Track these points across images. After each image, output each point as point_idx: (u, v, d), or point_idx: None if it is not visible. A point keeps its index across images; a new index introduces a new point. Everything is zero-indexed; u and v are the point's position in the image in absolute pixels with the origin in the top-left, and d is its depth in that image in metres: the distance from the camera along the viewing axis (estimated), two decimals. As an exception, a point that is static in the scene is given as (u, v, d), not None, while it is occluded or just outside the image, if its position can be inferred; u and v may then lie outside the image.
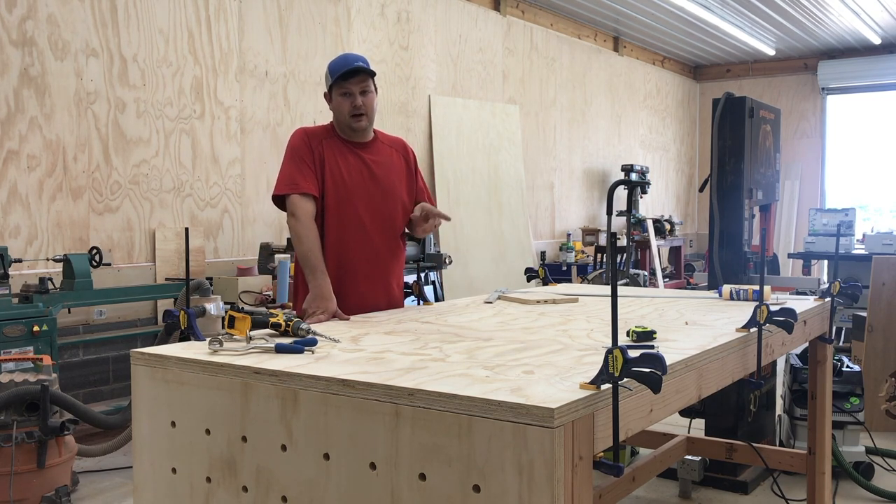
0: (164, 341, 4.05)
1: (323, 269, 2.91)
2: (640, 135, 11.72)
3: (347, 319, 2.76)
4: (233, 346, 2.08)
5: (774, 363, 4.72)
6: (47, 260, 4.88)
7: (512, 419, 1.49)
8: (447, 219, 3.18)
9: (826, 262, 9.33)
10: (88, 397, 5.12)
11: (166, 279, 5.47)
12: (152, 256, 5.51)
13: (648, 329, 2.21)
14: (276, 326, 2.27)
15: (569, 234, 9.69)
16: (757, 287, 3.06)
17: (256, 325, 2.24)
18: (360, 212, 3.06)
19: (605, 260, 8.54)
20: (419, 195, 3.28)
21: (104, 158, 5.24)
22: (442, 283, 7.10)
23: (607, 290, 3.53)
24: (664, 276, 9.13)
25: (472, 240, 8.02)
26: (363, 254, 3.07)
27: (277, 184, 3.03)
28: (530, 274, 3.92)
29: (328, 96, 3.10)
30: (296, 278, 3.20)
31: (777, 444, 4.60)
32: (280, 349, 2.04)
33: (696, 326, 2.54)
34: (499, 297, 3.27)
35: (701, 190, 5.22)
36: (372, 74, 3.05)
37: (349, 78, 3.00)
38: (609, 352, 1.58)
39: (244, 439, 1.86)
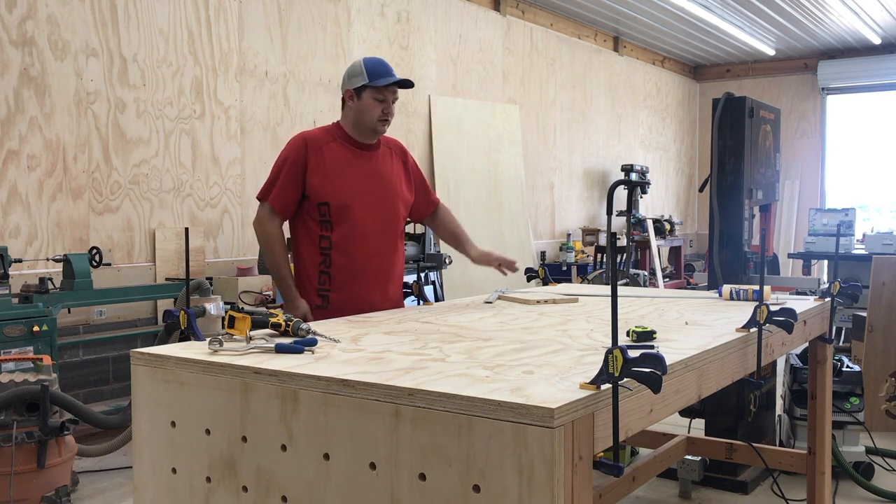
0: (164, 341, 4.05)
1: (289, 279, 3.09)
2: (640, 135, 11.72)
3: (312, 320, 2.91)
4: (233, 346, 2.08)
5: (774, 363, 4.72)
6: (47, 260, 4.88)
7: (512, 419, 1.49)
8: (513, 269, 3.32)
9: (826, 262, 9.33)
10: (88, 397, 5.12)
11: (166, 279, 5.47)
12: (152, 256, 5.51)
13: (648, 329, 2.21)
14: (276, 326, 2.27)
15: (569, 234, 9.69)
16: (757, 287, 3.06)
17: (256, 325, 2.24)
18: (365, 215, 3.08)
19: (605, 260, 8.54)
20: (420, 193, 3.36)
21: (104, 158, 5.24)
22: (442, 283, 7.10)
23: (607, 290, 3.53)
24: (664, 276, 9.13)
25: (472, 240, 8.00)
26: (368, 256, 3.08)
27: (263, 187, 3.14)
28: (530, 274, 3.92)
29: (352, 93, 3.06)
30: (297, 278, 3.20)
31: (777, 444, 4.61)
32: (280, 349, 2.04)
33: (696, 326, 2.54)
34: (499, 297, 3.27)
35: (701, 190, 5.21)
36: (411, 86, 3.09)
37: (389, 86, 3.02)
38: (609, 352, 1.58)
39: (244, 439, 1.86)
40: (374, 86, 2.99)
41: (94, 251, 4.81)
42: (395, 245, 3.21)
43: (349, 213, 3.05)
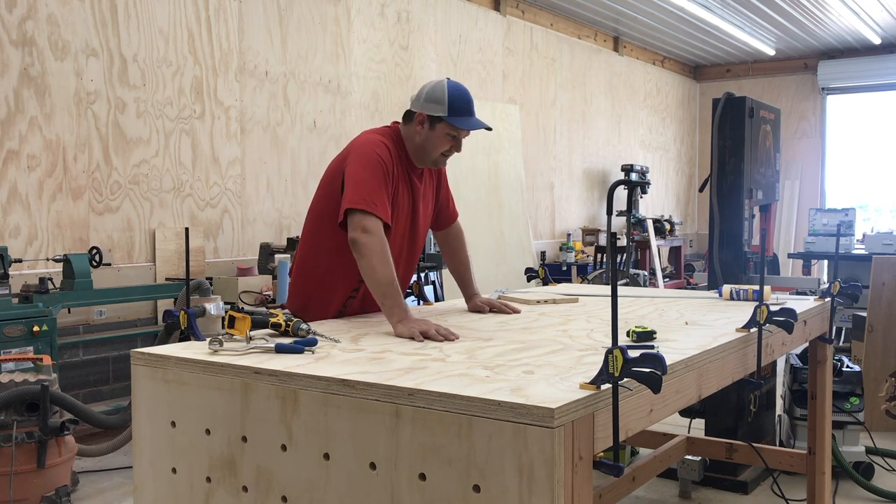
0: (164, 341, 4.05)
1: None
2: (640, 135, 11.72)
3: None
4: (233, 346, 2.08)
5: (774, 363, 4.72)
6: (47, 260, 4.88)
7: (512, 419, 1.49)
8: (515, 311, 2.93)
9: (826, 262, 9.33)
10: (88, 397, 5.12)
11: (166, 279, 5.47)
12: (152, 256, 5.51)
13: (648, 329, 2.21)
14: (276, 326, 2.27)
15: (569, 234, 9.69)
16: (757, 287, 3.06)
17: (256, 325, 2.24)
18: (397, 242, 2.84)
19: (605, 260, 8.54)
20: (443, 205, 3.12)
21: (104, 158, 5.24)
22: (442, 283, 7.09)
23: (607, 290, 3.53)
24: (664, 276, 9.13)
25: (472, 240, 7.97)
26: None
27: (354, 197, 2.61)
28: (530, 274, 3.92)
29: (424, 118, 2.77)
30: (309, 294, 2.94)
31: (777, 444, 4.61)
32: (280, 349, 2.04)
33: (696, 326, 2.54)
34: (499, 298, 3.27)
35: (701, 190, 5.21)
36: (490, 130, 2.86)
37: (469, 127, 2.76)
38: (609, 352, 1.58)
39: (244, 439, 1.86)
40: (452, 122, 2.71)
41: (94, 251, 4.81)
42: (412, 268, 3.06)
43: (389, 240, 2.70)
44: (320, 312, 2.81)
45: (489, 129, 2.84)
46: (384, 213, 2.61)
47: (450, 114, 2.71)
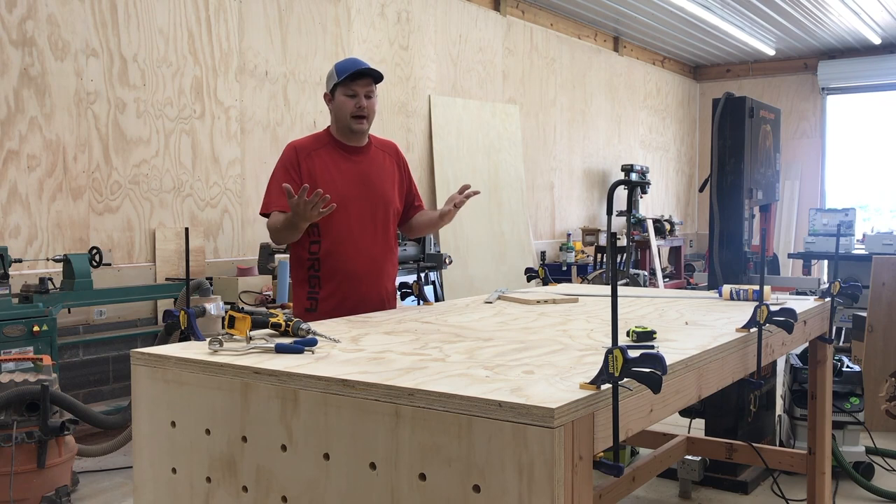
0: (164, 341, 4.05)
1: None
2: (640, 135, 11.72)
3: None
4: (233, 346, 2.08)
5: (774, 363, 4.72)
6: (47, 260, 4.88)
7: (512, 419, 1.49)
8: (471, 194, 3.14)
9: (826, 262, 9.33)
10: (88, 397, 5.12)
11: (166, 279, 5.47)
12: (152, 256, 5.51)
13: (648, 329, 2.21)
14: (276, 326, 2.27)
15: (569, 234, 9.69)
16: (757, 287, 3.06)
17: (256, 325, 2.24)
18: (355, 219, 3.09)
19: (605, 260, 8.54)
20: (411, 199, 3.36)
21: (104, 158, 5.24)
22: (442, 283, 7.10)
23: (607, 290, 3.53)
24: (664, 276, 9.13)
25: (472, 240, 8.02)
26: (359, 259, 3.09)
27: (264, 202, 3.10)
28: (530, 274, 3.92)
29: (329, 96, 3.13)
30: (294, 277, 3.20)
31: (777, 444, 4.61)
32: (280, 349, 2.04)
33: (696, 326, 2.54)
34: (499, 297, 3.27)
35: (701, 190, 5.21)
36: (379, 79, 3.09)
37: (357, 79, 3.04)
38: (609, 352, 1.58)
39: (244, 439, 1.86)
40: (341, 81, 3.04)
41: (94, 251, 4.81)
42: (386, 246, 3.20)
43: (337, 217, 3.02)
44: (299, 293, 3.14)
45: (375, 72, 3.06)
46: (276, 206, 3.01)
47: (338, 78, 3.05)
